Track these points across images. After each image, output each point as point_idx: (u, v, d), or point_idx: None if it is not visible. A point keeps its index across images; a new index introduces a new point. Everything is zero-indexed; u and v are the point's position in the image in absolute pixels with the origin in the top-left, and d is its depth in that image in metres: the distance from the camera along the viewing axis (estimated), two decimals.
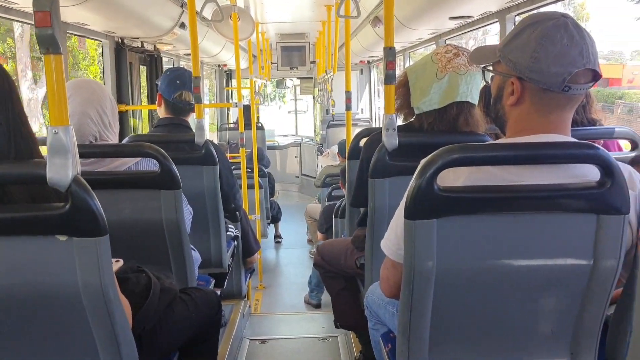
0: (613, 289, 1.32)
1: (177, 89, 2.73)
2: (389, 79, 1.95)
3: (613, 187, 1.22)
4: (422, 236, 1.25)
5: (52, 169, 1.14)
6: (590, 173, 1.28)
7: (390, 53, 1.95)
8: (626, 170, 1.33)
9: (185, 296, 1.80)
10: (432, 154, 1.25)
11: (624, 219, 1.25)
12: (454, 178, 1.30)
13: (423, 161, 1.26)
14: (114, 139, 2.01)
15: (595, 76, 1.29)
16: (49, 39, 1.11)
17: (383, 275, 1.50)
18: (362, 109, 9.92)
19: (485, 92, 2.40)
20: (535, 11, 3.35)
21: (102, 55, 4.38)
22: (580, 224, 1.26)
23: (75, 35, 3.76)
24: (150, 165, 1.99)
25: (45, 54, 1.13)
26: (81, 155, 1.81)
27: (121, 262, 1.59)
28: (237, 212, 3.18)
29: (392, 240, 1.42)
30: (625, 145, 2.24)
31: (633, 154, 2.02)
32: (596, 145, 1.22)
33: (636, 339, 0.51)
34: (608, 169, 1.22)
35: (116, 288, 1.26)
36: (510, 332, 1.40)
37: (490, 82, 1.45)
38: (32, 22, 1.12)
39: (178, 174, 1.89)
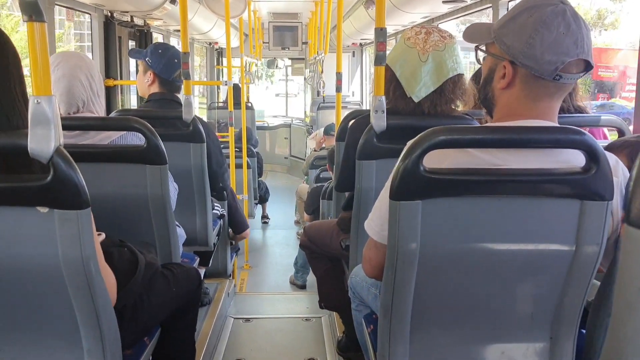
0: (594, 275, 1.33)
1: (176, 68, 2.72)
2: (379, 60, 1.94)
3: (597, 173, 1.22)
4: (406, 217, 1.25)
5: (33, 139, 1.12)
6: (575, 159, 1.28)
7: (381, 34, 1.93)
8: (612, 158, 1.33)
9: (166, 271, 1.80)
10: (419, 135, 1.24)
11: (607, 206, 1.25)
12: (440, 160, 1.29)
13: (409, 142, 1.25)
14: (100, 111, 1.99)
15: (587, 66, 1.29)
16: (32, 6, 1.08)
17: (366, 256, 1.50)
18: (353, 92, 9.89)
19: (477, 74, 2.40)
20: None
21: (91, 28, 4.31)
22: (564, 209, 1.27)
23: (63, 6, 3.69)
24: (135, 139, 1.97)
25: (28, 21, 1.10)
26: (67, 127, 1.81)
27: (103, 235, 1.58)
28: (225, 192, 3.18)
29: (376, 221, 1.42)
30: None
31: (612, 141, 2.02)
32: (582, 130, 1.22)
33: (615, 323, 0.51)
34: (593, 155, 1.22)
35: (97, 261, 1.25)
36: (491, 316, 1.41)
37: (481, 61, 1.44)
38: None
39: (164, 149, 1.88)
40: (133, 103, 5.36)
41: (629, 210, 0.48)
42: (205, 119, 7.97)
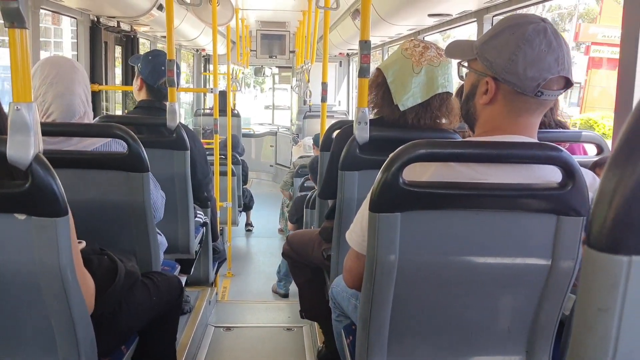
0: (569, 289, 1.35)
1: (163, 75, 2.71)
2: (363, 72, 1.95)
3: (574, 189, 1.24)
4: (385, 229, 1.26)
5: (12, 146, 1.12)
6: (553, 175, 1.30)
7: (365, 46, 1.95)
8: (588, 174, 1.35)
9: (147, 280, 1.79)
10: (399, 148, 1.25)
11: (582, 221, 1.27)
12: (420, 173, 1.31)
13: (390, 155, 1.26)
14: (89, 120, 1.99)
15: (567, 84, 1.31)
16: (14, 13, 1.08)
17: (346, 266, 1.51)
18: (339, 102, 9.92)
19: (460, 92, 2.43)
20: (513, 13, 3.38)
21: (77, 33, 4.29)
22: (541, 224, 1.28)
23: (48, 11, 3.67)
24: (120, 147, 1.96)
25: (10, 27, 1.10)
26: (49, 134, 1.80)
27: (84, 243, 1.57)
28: (208, 200, 3.17)
29: (357, 231, 1.43)
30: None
31: (598, 158, 2.05)
32: (559, 147, 1.24)
33: (574, 344, 0.53)
34: (569, 171, 1.24)
35: (74, 269, 1.24)
36: (468, 328, 1.42)
37: (464, 78, 1.45)
38: None
39: (146, 157, 1.87)
40: (118, 109, 5.34)
41: (589, 233, 0.49)
42: (190, 125, 7.97)
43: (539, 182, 1.29)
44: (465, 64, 1.42)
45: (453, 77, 1.99)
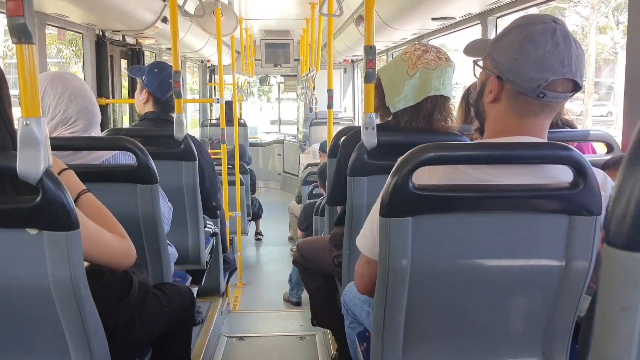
0: (584, 290, 1.33)
1: (171, 88, 2.72)
2: (368, 77, 1.95)
3: (585, 188, 1.23)
4: (396, 234, 1.25)
5: (22, 161, 1.12)
6: (564, 175, 1.29)
7: (370, 51, 1.95)
8: (599, 173, 1.34)
9: (158, 292, 1.79)
10: (408, 152, 1.25)
11: (595, 220, 1.26)
12: (429, 176, 1.30)
13: (399, 159, 1.26)
14: (99, 131, 2.01)
15: (576, 87, 1.30)
16: (21, 29, 1.09)
17: (357, 272, 1.50)
18: (345, 108, 9.93)
19: (467, 94, 2.43)
20: (516, 14, 3.38)
21: (83, 47, 4.32)
22: (553, 225, 1.27)
23: (54, 26, 3.70)
24: (128, 159, 1.97)
25: (17, 43, 1.11)
26: (58, 148, 1.81)
27: None
28: (217, 210, 3.17)
29: (368, 237, 1.42)
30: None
31: (608, 157, 2.04)
32: (569, 146, 1.23)
33: (597, 343, 0.52)
34: (581, 170, 1.23)
35: (87, 282, 1.24)
36: (483, 332, 1.41)
37: (477, 76, 1.45)
38: (4, 11, 1.10)
39: (155, 168, 1.88)
40: (125, 122, 5.36)
41: (608, 230, 0.49)
42: (197, 136, 7.99)
43: (550, 183, 1.28)
44: (481, 62, 1.42)
45: (452, 81, 1.98)
